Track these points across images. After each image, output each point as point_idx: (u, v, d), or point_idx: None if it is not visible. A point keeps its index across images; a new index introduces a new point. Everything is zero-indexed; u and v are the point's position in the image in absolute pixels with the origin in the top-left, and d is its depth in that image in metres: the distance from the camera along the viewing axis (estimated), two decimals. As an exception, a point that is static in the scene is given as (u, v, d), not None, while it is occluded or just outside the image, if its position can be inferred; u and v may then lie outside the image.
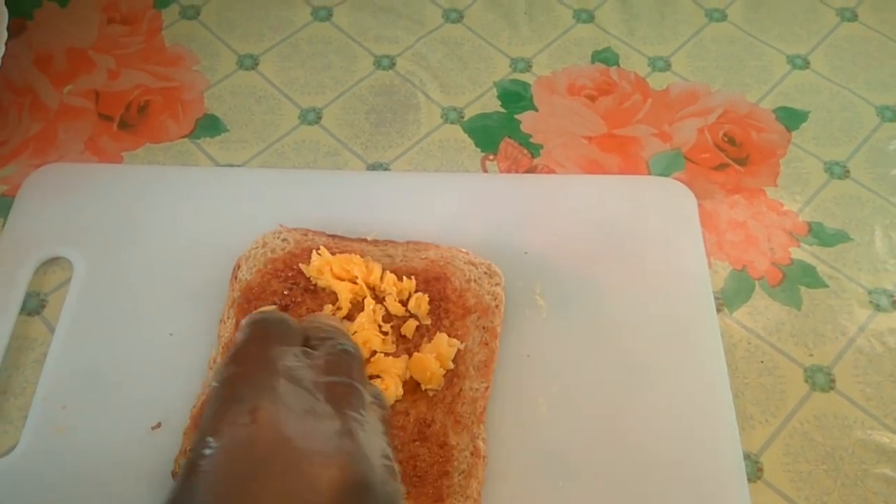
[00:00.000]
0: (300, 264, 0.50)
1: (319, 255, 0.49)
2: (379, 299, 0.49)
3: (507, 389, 0.47)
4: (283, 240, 0.51)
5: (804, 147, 0.59)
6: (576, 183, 0.57)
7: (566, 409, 0.47)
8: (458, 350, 0.47)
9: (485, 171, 0.58)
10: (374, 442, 0.31)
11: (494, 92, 0.62)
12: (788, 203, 0.57)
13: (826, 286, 0.53)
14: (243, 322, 0.36)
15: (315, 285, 0.49)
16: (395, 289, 0.48)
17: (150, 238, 0.53)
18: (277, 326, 0.35)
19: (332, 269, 0.49)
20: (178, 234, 0.53)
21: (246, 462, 0.27)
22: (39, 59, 0.63)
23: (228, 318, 0.48)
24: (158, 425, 0.46)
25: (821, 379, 0.49)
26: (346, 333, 0.39)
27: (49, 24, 0.66)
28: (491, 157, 0.59)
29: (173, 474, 0.43)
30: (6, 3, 0.59)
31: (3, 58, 0.56)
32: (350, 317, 0.48)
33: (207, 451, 0.28)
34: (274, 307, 0.48)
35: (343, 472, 0.28)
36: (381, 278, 0.49)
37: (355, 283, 0.48)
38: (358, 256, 0.49)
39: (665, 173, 0.58)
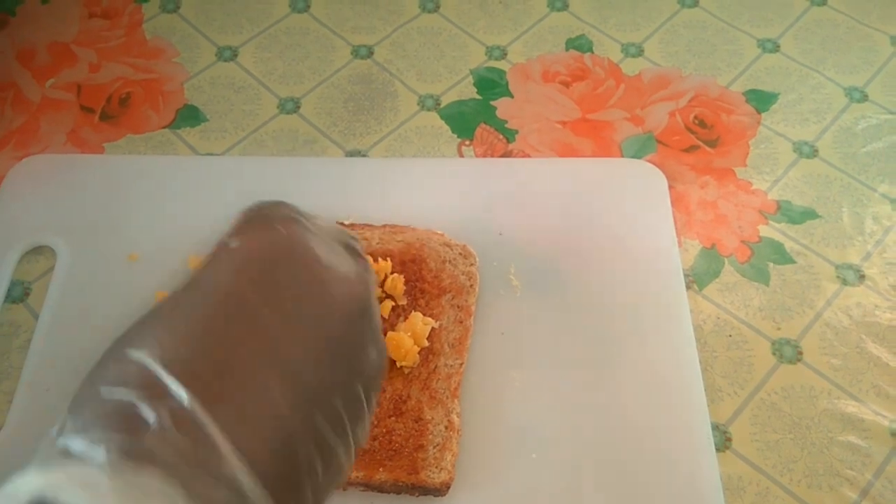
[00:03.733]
0: (278, 248, 0.51)
1: (297, 238, 0.50)
2: (356, 281, 0.50)
3: (482, 366, 0.48)
4: (262, 225, 0.52)
5: (774, 128, 0.61)
6: (549, 166, 0.58)
7: (539, 384, 0.48)
8: (434, 328, 0.48)
9: (461, 156, 0.59)
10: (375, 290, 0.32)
11: (470, 79, 0.63)
12: (758, 182, 0.58)
13: (794, 262, 0.54)
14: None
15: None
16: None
17: (131, 226, 0.54)
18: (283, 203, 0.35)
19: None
20: (159, 222, 0.54)
21: (278, 251, 0.27)
22: (22, 54, 0.64)
23: (208, 301, 0.49)
24: (140, 406, 0.47)
25: (788, 351, 0.51)
26: None
27: (31, 20, 0.66)
28: (467, 142, 0.60)
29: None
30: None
31: (-16, 52, 0.57)
32: (327, 298, 0.49)
33: (233, 245, 0.27)
34: None
35: (352, 290, 0.28)
36: (358, 260, 0.50)
37: (332, 265, 0.49)
38: (335, 239, 0.50)
39: (637, 156, 0.59)
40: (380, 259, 0.50)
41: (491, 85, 0.63)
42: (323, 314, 0.27)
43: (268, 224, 0.29)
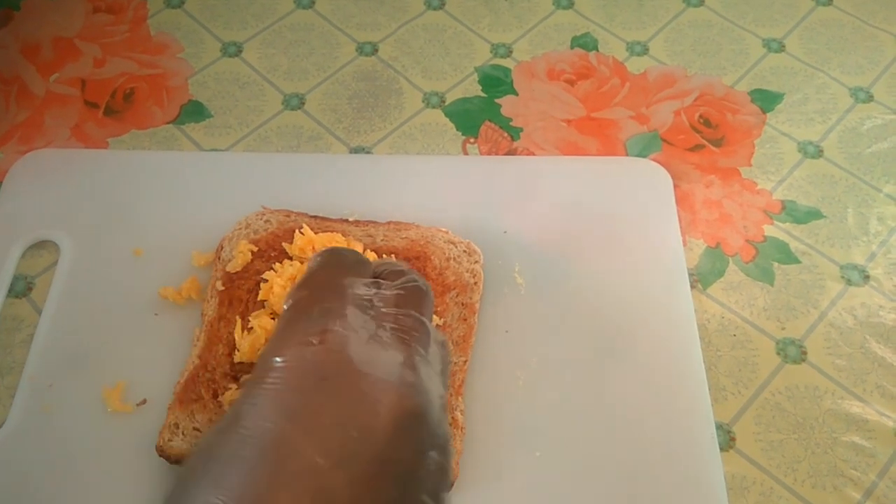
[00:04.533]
0: (283, 243, 0.51)
1: (302, 234, 0.50)
2: (360, 278, 0.49)
3: (486, 363, 0.48)
4: (266, 221, 0.52)
5: (779, 128, 0.61)
6: (554, 164, 0.58)
7: (543, 382, 0.48)
8: (438, 326, 0.48)
9: (466, 154, 0.59)
10: (433, 381, 0.31)
11: (475, 77, 0.63)
12: (762, 182, 0.58)
13: (799, 262, 0.54)
14: (316, 253, 0.35)
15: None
16: (375, 267, 0.49)
17: (135, 221, 0.54)
18: (350, 256, 0.35)
19: (314, 248, 0.49)
20: (163, 217, 0.54)
21: (311, 378, 0.28)
22: (26, 49, 0.64)
23: (212, 297, 0.49)
24: (144, 402, 0.47)
25: (792, 351, 0.50)
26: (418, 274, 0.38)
27: (35, 14, 0.66)
28: (472, 140, 0.60)
29: (158, 448, 0.44)
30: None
31: (-11, 46, 0.57)
32: (331, 295, 0.49)
33: (276, 364, 0.28)
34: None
35: (402, 401, 0.28)
36: (362, 257, 0.50)
37: (336, 261, 0.49)
38: (340, 235, 0.50)
39: (642, 154, 0.59)
40: (384, 256, 0.50)
41: (496, 82, 0.63)
42: (365, 435, 0.27)
43: (304, 339, 0.29)
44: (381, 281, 0.35)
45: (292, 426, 0.26)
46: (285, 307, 0.32)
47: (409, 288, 0.35)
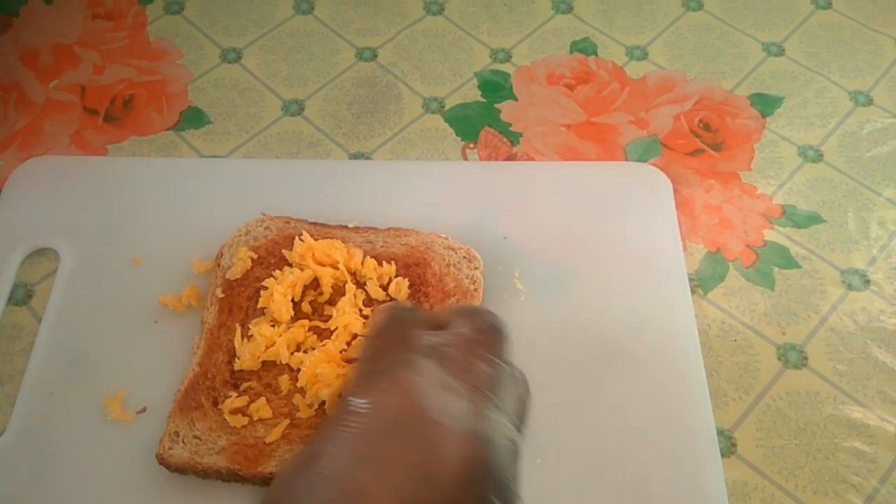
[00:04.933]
0: (283, 250, 0.50)
1: (302, 241, 0.50)
2: (360, 284, 0.50)
3: (486, 370, 0.48)
4: (266, 227, 0.52)
5: (778, 132, 0.61)
6: (554, 169, 0.58)
7: (543, 388, 0.47)
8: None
9: (465, 159, 0.59)
10: (502, 424, 0.32)
11: (475, 82, 0.63)
12: (762, 187, 0.58)
13: (799, 267, 0.54)
14: (378, 311, 0.37)
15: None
16: (375, 274, 0.49)
17: (135, 229, 0.54)
18: (410, 311, 0.37)
19: (314, 255, 0.49)
20: (162, 224, 0.54)
21: (384, 423, 0.30)
22: (25, 56, 0.64)
23: (211, 304, 0.49)
24: (144, 409, 0.47)
25: (793, 356, 0.50)
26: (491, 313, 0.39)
27: (35, 21, 0.66)
28: (471, 145, 0.60)
29: (158, 456, 0.44)
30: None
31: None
32: (331, 301, 0.49)
33: (352, 408, 0.30)
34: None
35: (467, 450, 0.29)
36: (362, 263, 0.50)
37: (337, 268, 0.49)
38: (340, 242, 0.50)
39: (642, 159, 0.59)
40: (384, 262, 0.50)
41: (495, 88, 0.63)
42: (433, 482, 0.28)
43: (376, 384, 0.31)
44: (451, 329, 0.36)
45: (366, 472, 0.28)
46: (358, 358, 0.34)
47: (482, 329, 0.36)
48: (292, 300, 0.48)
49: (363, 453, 0.29)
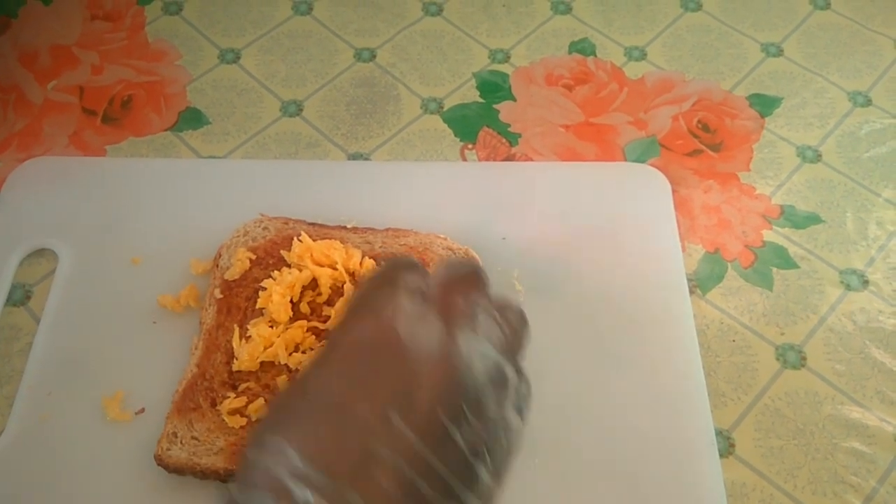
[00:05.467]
0: (281, 251, 0.50)
1: (300, 241, 0.50)
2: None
3: (485, 371, 0.48)
4: (264, 228, 0.52)
5: (777, 132, 0.61)
6: (552, 170, 0.58)
7: (542, 388, 0.47)
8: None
9: (464, 160, 0.59)
10: (481, 346, 0.34)
11: (473, 83, 0.63)
12: (761, 187, 0.58)
13: (798, 267, 0.54)
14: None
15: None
16: (374, 274, 0.49)
17: (133, 229, 0.54)
18: (404, 260, 0.39)
19: (312, 255, 0.49)
20: (160, 225, 0.54)
21: (365, 351, 0.33)
22: (24, 57, 0.64)
23: (210, 304, 0.49)
24: (142, 410, 0.47)
25: (792, 357, 0.50)
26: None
27: (33, 22, 0.66)
28: (470, 146, 0.60)
29: (156, 457, 0.44)
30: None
31: (-14, 54, 0.57)
32: (330, 302, 0.49)
33: (337, 338, 0.34)
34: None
35: (441, 368, 0.32)
36: (361, 264, 0.50)
37: (335, 268, 0.49)
38: (338, 242, 0.50)
39: (640, 160, 0.59)
40: (383, 263, 0.50)
41: (494, 88, 0.63)
42: (408, 396, 0.31)
43: (359, 318, 0.34)
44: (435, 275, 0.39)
45: (351, 393, 0.31)
46: (352, 295, 0.38)
47: (460, 272, 0.39)
48: (291, 301, 0.48)
49: (348, 377, 0.32)
